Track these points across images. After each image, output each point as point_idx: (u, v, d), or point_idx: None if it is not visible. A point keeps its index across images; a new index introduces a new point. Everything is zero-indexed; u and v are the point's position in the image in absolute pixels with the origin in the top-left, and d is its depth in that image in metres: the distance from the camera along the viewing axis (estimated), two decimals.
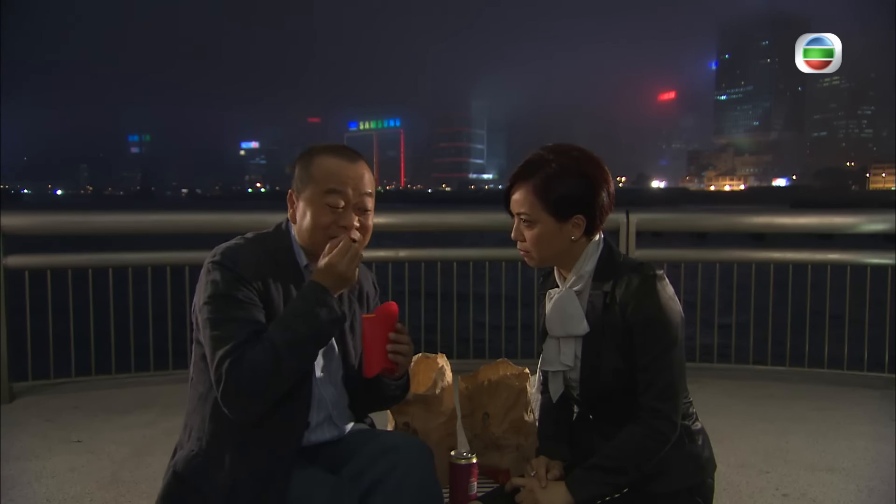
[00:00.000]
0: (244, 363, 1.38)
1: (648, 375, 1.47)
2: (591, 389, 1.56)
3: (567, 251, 1.56)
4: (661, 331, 1.47)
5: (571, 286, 1.57)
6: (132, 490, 2.56)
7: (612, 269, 1.54)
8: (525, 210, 1.54)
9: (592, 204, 1.52)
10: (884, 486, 2.62)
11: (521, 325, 4.41)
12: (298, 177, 1.58)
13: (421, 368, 2.08)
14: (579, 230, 1.54)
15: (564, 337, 1.58)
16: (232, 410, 1.41)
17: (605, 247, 1.58)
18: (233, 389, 1.38)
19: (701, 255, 4.38)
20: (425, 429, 1.90)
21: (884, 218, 4.06)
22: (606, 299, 1.52)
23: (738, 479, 2.65)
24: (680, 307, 1.52)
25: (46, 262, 3.83)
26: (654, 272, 1.49)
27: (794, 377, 4.09)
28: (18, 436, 3.10)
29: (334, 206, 1.53)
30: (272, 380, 1.40)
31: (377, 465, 1.44)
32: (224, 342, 1.41)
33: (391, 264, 4.31)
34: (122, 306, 3.91)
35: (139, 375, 3.97)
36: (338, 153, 1.58)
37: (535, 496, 1.48)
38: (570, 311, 1.55)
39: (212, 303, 1.45)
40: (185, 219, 4.14)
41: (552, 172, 1.51)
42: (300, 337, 1.42)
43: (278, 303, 1.51)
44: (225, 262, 1.47)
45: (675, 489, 1.50)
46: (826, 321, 4.18)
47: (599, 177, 1.53)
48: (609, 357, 1.51)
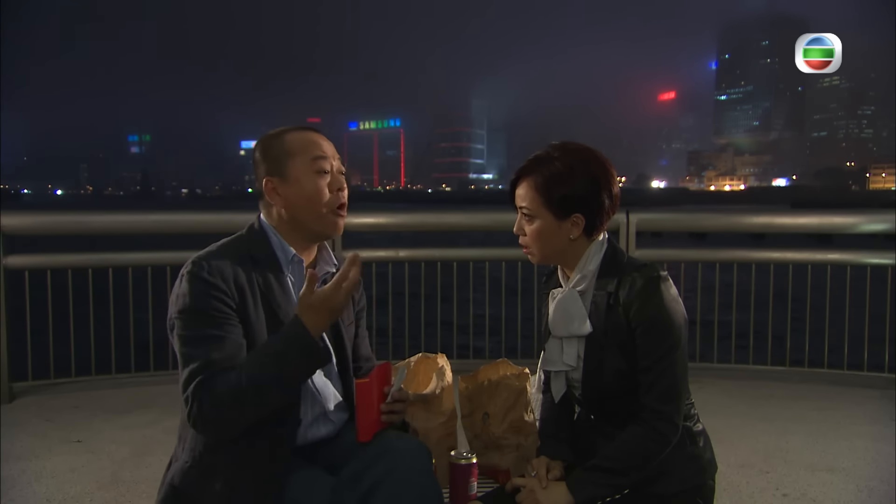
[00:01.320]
0: (211, 389, 1.36)
1: (650, 377, 1.47)
2: (593, 390, 1.56)
3: (567, 250, 1.56)
4: (665, 332, 1.47)
5: (574, 286, 1.57)
6: (132, 490, 2.56)
7: (616, 269, 1.54)
8: (526, 205, 1.54)
9: (593, 205, 1.53)
10: (884, 486, 2.62)
11: (521, 326, 4.41)
12: (272, 159, 1.53)
13: (421, 368, 2.08)
14: (578, 229, 1.54)
15: (567, 337, 1.58)
16: (198, 431, 1.40)
17: (609, 247, 1.57)
18: (197, 413, 1.36)
19: (701, 255, 4.37)
20: (425, 429, 1.90)
21: (884, 218, 4.06)
22: (610, 300, 1.52)
23: (738, 479, 2.65)
24: (683, 308, 1.52)
25: (46, 262, 3.82)
26: (659, 273, 1.49)
27: (794, 377, 4.09)
28: (18, 436, 3.10)
29: (325, 170, 1.53)
30: (237, 412, 1.37)
31: (376, 466, 1.42)
32: (193, 360, 1.38)
33: (391, 264, 4.31)
34: (122, 306, 3.91)
35: (139, 375, 3.97)
36: (301, 128, 1.57)
37: (535, 496, 1.48)
38: (573, 312, 1.55)
39: (183, 317, 1.42)
40: (185, 219, 4.15)
41: (555, 170, 1.51)
42: (268, 378, 1.37)
43: (259, 303, 1.48)
44: (197, 272, 1.43)
45: (676, 490, 1.50)
46: (826, 321, 4.18)
47: (603, 178, 1.53)
48: (612, 358, 1.51)
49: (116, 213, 4.29)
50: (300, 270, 1.58)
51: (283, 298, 1.52)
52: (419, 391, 1.96)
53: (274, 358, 1.39)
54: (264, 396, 1.38)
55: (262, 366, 1.38)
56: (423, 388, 2.00)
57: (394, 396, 1.52)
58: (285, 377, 1.40)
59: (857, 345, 4.06)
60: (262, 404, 1.39)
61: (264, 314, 1.49)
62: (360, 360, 1.75)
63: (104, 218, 4.20)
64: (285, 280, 1.54)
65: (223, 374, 1.37)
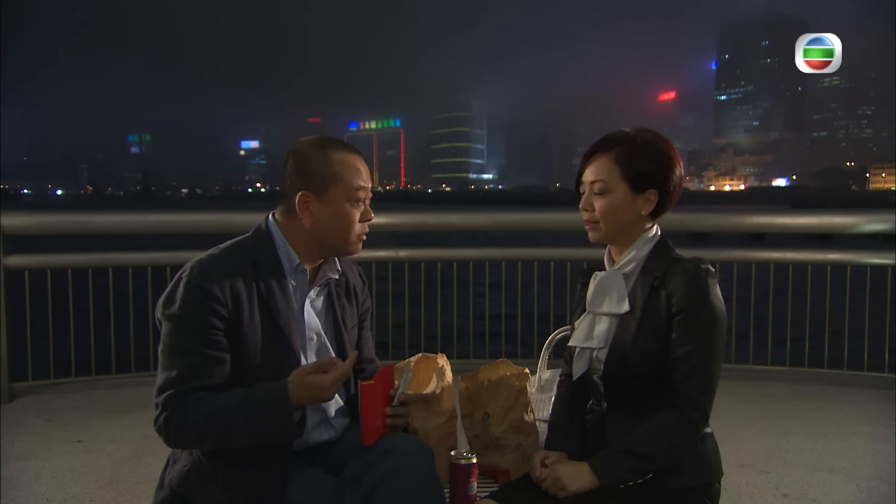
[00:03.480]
0: (181, 407, 1.38)
1: (688, 364, 1.47)
2: (616, 369, 1.55)
3: (633, 226, 1.59)
4: (707, 322, 1.49)
5: (621, 268, 1.59)
6: (132, 490, 2.56)
7: (666, 258, 1.57)
8: (603, 177, 1.56)
9: (667, 184, 1.57)
10: (884, 486, 2.62)
11: (521, 325, 4.41)
12: (313, 175, 1.50)
13: (421, 368, 2.07)
14: (650, 205, 1.57)
15: (602, 314, 1.59)
16: (162, 437, 1.42)
17: (661, 239, 1.61)
18: (162, 425, 1.39)
19: (701, 255, 4.36)
20: (425, 429, 1.90)
21: (884, 218, 4.06)
22: (655, 282, 1.54)
23: (738, 479, 2.65)
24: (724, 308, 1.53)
25: (46, 262, 3.83)
26: (710, 267, 1.53)
27: (794, 377, 4.09)
28: (18, 436, 3.10)
29: (359, 200, 1.54)
30: (197, 439, 1.41)
31: (377, 466, 1.42)
32: (171, 370, 1.40)
33: (391, 264, 4.31)
34: (123, 306, 3.91)
35: (139, 375, 3.98)
36: (347, 147, 1.57)
37: (557, 474, 1.48)
38: (615, 289, 1.58)
39: (171, 324, 1.42)
40: (185, 219, 4.15)
41: (636, 145, 1.55)
42: (234, 422, 1.38)
43: (256, 308, 1.47)
44: (195, 280, 1.42)
45: (685, 486, 1.50)
46: (826, 321, 4.18)
47: (676, 161, 1.59)
48: (642, 338, 1.52)
49: (116, 213, 4.27)
50: (303, 277, 1.57)
51: (283, 304, 1.50)
52: (419, 391, 1.96)
53: (246, 406, 1.40)
54: (224, 437, 1.40)
55: (233, 408, 1.39)
56: (423, 388, 1.99)
57: (399, 399, 1.52)
58: (250, 427, 1.39)
59: (857, 345, 4.06)
60: (221, 441, 1.41)
61: (263, 320, 1.48)
62: (364, 363, 1.75)
63: (104, 218, 4.20)
64: (287, 286, 1.53)
65: (196, 394, 1.39)
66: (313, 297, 1.60)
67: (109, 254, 4.00)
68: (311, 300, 1.59)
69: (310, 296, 1.58)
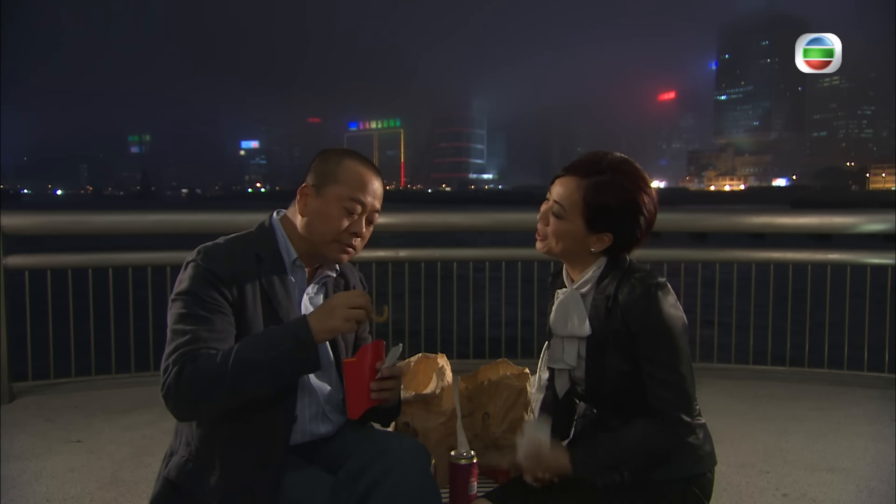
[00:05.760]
0: (194, 360, 1.36)
1: (655, 382, 1.48)
2: (596, 388, 1.57)
3: (581, 257, 1.58)
4: (665, 339, 1.48)
5: (578, 287, 1.59)
6: (132, 490, 2.56)
7: (617, 273, 1.55)
8: (564, 204, 1.54)
9: (627, 228, 1.53)
10: (884, 486, 2.62)
11: (520, 326, 4.41)
12: (320, 172, 1.56)
13: (421, 368, 2.08)
14: (601, 245, 1.55)
15: (568, 336, 1.59)
16: (167, 401, 1.38)
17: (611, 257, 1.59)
18: (172, 380, 1.36)
19: (701, 255, 4.37)
20: (425, 429, 1.90)
21: (884, 218, 4.06)
22: (608, 303, 1.53)
23: (738, 479, 2.65)
24: (682, 314, 1.52)
25: (46, 262, 3.83)
26: (657, 280, 1.50)
27: (794, 377, 4.09)
28: (18, 436, 3.10)
29: (352, 211, 1.54)
30: (213, 389, 1.35)
31: (373, 466, 1.42)
32: (181, 335, 1.40)
33: (391, 264, 4.31)
34: (123, 306, 3.91)
35: (139, 375, 3.97)
36: (366, 163, 1.59)
37: (538, 452, 1.48)
38: (574, 312, 1.57)
39: (180, 299, 1.45)
40: (185, 219, 4.14)
41: (605, 184, 1.51)
42: (258, 361, 1.37)
43: (258, 299, 1.49)
44: (200, 261, 1.47)
45: (673, 477, 1.51)
46: (826, 321, 4.18)
47: (645, 211, 1.53)
48: (613, 360, 1.52)
49: (116, 213, 4.27)
50: (302, 274, 1.60)
51: (284, 297, 1.54)
52: (419, 391, 1.96)
53: (265, 338, 1.41)
54: (242, 377, 1.36)
55: (250, 346, 1.39)
56: (423, 388, 2.00)
57: (383, 373, 1.51)
58: (270, 360, 1.38)
59: (857, 345, 4.06)
60: (238, 384, 1.36)
61: (264, 311, 1.51)
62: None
63: (104, 218, 4.19)
64: (287, 280, 1.56)
65: (208, 352, 1.38)
66: (311, 293, 1.63)
67: (109, 254, 4.00)
68: (310, 296, 1.63)
69: (308, 291, 1.62)
